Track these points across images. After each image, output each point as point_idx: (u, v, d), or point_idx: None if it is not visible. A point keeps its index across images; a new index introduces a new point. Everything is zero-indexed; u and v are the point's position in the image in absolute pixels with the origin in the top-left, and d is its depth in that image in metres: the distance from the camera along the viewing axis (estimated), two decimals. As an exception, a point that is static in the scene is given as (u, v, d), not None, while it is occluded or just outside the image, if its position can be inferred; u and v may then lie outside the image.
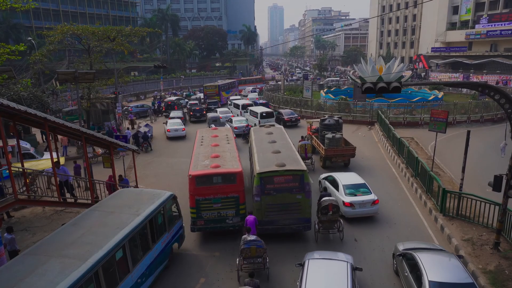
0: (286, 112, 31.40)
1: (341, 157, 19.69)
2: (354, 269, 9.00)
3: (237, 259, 10.59)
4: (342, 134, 20.76)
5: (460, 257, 9.49)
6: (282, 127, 19.43)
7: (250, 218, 11.83)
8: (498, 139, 20.83)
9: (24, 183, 12.48)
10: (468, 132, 14.04)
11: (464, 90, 44.31)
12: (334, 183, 15.00)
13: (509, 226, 11.20)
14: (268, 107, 33.68)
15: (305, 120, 29.22)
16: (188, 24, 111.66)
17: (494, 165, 16.13)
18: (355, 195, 13.96)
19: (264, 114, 28.51)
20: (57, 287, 6.78)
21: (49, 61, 42.93)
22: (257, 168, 12.49)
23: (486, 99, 30.82)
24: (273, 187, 12.10)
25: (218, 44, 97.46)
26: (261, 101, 39.20)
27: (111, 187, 15.24)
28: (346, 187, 14.33)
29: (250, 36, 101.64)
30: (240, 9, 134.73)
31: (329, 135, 19.96)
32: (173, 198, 11.54)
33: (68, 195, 14.89)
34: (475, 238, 11.78)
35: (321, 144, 20.48)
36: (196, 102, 42.45)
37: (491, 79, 52.99)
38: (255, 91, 52.33)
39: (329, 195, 13.21)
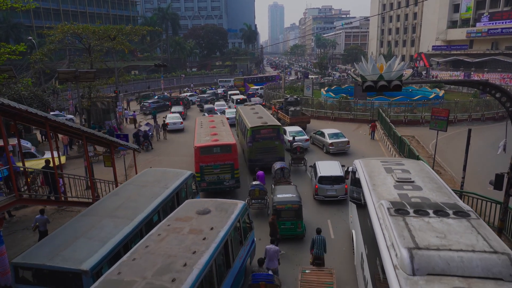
0: (253, 100, 41.38)
1: (301, 123, 27.37)
2: (342, 165, 16.25)
3: (247, 199, 14.08)
4: (301, 108, 30.29)
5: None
6: (260, 105, 28.54)
7: (260, 173, 15.92)
8: (500, 138, 20.70)
9: (25, 182, 12.48)
10: (469, 131, 14.02)
11: (465, 88, 44.20)
12: (284, 131, 22.72)
13: (511, 225, 11.19)
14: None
15: (271, 101, 38.26)
16: (188, 23, 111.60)
17: (495, 164, 16.07)
18: (296, 136, 22.64)
19: (238, 100, 38.75)
20: (115, 237, 8.49)
21: (49, 61, 43.01)
22: (249, 125, 18.92)
23: (487, 98, 30.75)
24: (260, 136, 18.63)
25: (218, 42, 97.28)
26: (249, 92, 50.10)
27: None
28: (290, 132, 23.44)
29: (251, 34, 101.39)
30: (241, 8, 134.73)
31: (292, 108, 28.63)
32: (193, 176, 13.52)
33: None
34: (476, 237, 11.72)
35: (286, 115, 29.01)
36: (206, 95, 48.99)
37: (492, 77, 52.82)
38: None
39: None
